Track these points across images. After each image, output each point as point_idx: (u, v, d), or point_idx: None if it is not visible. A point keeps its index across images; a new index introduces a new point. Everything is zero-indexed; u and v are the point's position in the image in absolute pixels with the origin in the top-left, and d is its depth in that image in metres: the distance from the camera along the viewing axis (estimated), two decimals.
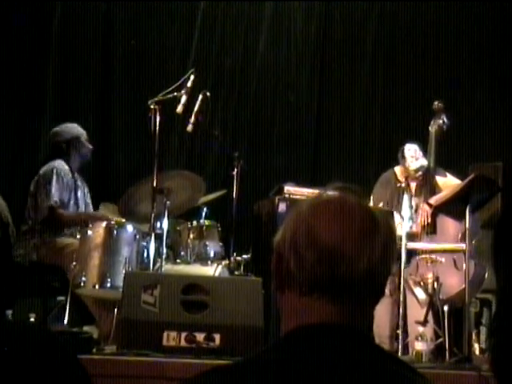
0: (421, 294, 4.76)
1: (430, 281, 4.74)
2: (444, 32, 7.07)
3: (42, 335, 1.60)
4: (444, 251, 5.02)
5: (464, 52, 6.96)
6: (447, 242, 5.06)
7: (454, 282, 4.86)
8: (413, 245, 4.97)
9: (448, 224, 5.07)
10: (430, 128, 5.35)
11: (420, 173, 5.30)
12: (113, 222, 4.72)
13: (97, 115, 6.98)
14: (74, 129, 5.24)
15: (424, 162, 5.29)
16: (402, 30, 7.23)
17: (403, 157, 5.37)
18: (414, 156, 5.32)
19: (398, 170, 5.48)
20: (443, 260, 4.96)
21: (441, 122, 5.33)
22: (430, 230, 5.19)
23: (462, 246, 4.64)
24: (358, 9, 7.37)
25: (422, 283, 4.77)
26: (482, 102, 6.86)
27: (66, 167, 5.09)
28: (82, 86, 6.94)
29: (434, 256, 4.99)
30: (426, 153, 5.33)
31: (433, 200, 5.09)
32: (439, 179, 5.34)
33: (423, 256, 5.03)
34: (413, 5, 7.19)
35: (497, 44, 6.95)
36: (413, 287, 4.79)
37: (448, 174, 5.39)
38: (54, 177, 4.96)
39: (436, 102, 5.38)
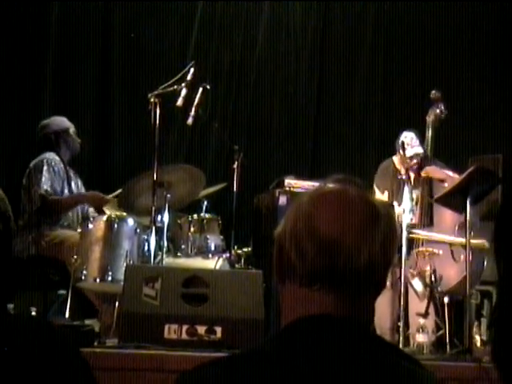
0: (419, 286, 4.76)
1: (427, 273, 4.74)
2: (443, 24, 7.06)
3: (43, 328, 1.60)
4: (443, 242, 5.03)
5: (463, 44, 6.95)
6: (444, 233, 5.06)
7: (452, 274, 4.87)
8: (415, 232, 4.98)
9: (445, 216, 5.08)
10: (427, 117, 5.34)
11: (415, 160, 5.29)
12: (108, 198, 4.75)
13: (96, 109, 6.97)
14: (62, 121, 5.24)
15: (419, 149, 5.28)
16: (401, 22, 7.21)
17: (399, 144, 5.37)
18: (409, 144, 5.31)
19: (396, 159, 5.49)
20: (441, 252, 4.96)
21: (438, 111, 5.31)
22: (427, 222, 5.19)
23: (462, 240, 4.64)
24: (357, 2, 7.35)
25: (420, 276, 4.78)
26: (481, 93, 6.85)
27: (58, 158, 5.09)
28: (81, 80, 6.92)
29: (431, 248, 4.99)
30: (423, 142, 5.33)
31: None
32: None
33: (421, 249, 5.04)
34: None
35: (496, 35, 6.94)
36: (411, 280, 4.79)
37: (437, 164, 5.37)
38: (45, 167, 4.95)
39: (433, 91, 5.36)
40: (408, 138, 5.33)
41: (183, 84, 4.74)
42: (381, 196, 5.29)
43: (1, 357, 1.49)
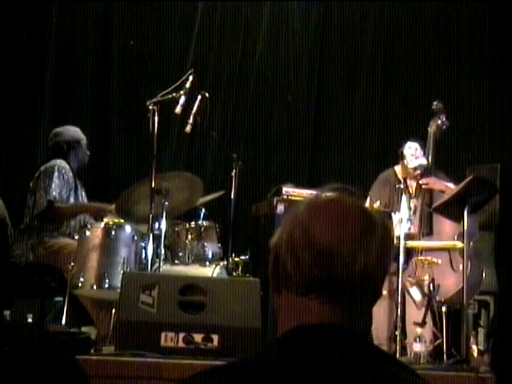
0: (417, 295, 4.75)
1: (426, 282, 4.74)
2: (443, 33, 7.07)
3: (39, 336, 1.60)
4: (441, 250, 5.03)
5: (463, 53, 6.96)
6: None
7: (450, 283, 4.87)
8: (411, 243, 4.98)
9: (444, 225, 5.08)
10: (428, 128, 5.35)
11: (418, 171, 5.29)
12: (109, 208, 4.75)
13: (95, 116, 6.98)
14: (76, 132, 5.27)
15: (423, 161, 5.28)
16: (400, 30, 7.22)
17: (403, 154, 5.37)
18: (413, 154, 5.31)
19: (398, 169, 5.48)
20: (440, 261, 4.96)
21: (440, 122, 5.33)
22: (427, 230, 5.19)
23: (458, 243, 4.64)
24: (356, 9, 7.37)
25: (418, 285, 4.77)
26: (480, 103, 6.86)
27: (68, 166, 5.11)
28: (80, 87, 6.93)
29: (430, 257, 4.99)
30: (425, 153, 5.34)
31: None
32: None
33: (420, 258, 5.03)
34: (411, 5, 7.19)
35: (496, 45, 6.95)
36: (409, 289, 4.79)
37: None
38: (56, 173, 4.97)
39: (435, 102, 5.37)
40: (412, 148, 5.34)
41: (182, 92, 4.74)
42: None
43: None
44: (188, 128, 4.86)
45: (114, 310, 4.36)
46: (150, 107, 4.63)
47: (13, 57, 6.70)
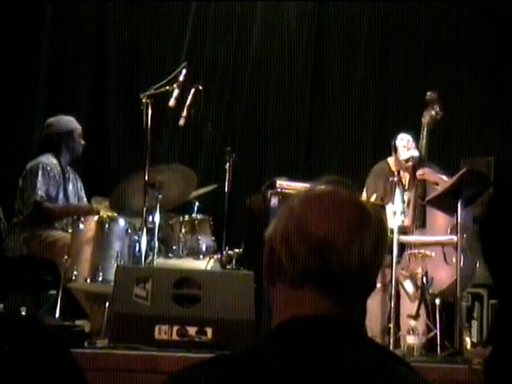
0: (410, 288, 4.76)
1: (419, 275, 4.75)
2: (437, 26, 7.07)
3: (34, 328, 1.60)
4: (434, 244, 5.03)
5: (457, 46, 6.96)
6: (437, 235, 5.06)
7: (444, 276, 4.87)
8: (404, 238, 4.98)
9: (438, 217, 5.08)
10: (422, 119, 5.33)
11: (410, 163, 5.29)
12: (101, 214, 4.73)
13: (90, 109, 6.95)
14: (69, 122, 5.19)
15: (415, 152, 5.27)
16: (395, 22, 7.22)
17: (395, 146, 5.37)
18: (405, 146, 5.31)
19: (391, 161, 5.47)
20: (433, 254, 4.96)
21: (433, 112, 5.31)
22: (420, 223, 5.19)
23: (454, 237, 4.65)
24: (352, 3, 7.36)
25: (411, 277, 4.78)
26: (474, 95, 6.86)
27: (55, 161, 5.06)
28: (74, 81, 6.91)
29: (423, 250, 4.99)
30: (419, 143, 5.34)
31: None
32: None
33: (413, 250, 5.04)
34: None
35: (490, 37, 6.95)
36: (403, 281, 4.80)
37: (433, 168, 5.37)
38: (40, 171, 4.92)
39: (429, 93, 5.36)
40: (404, 140, 5.33)
41: (175, 84, 4.72)
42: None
43: None
44: (182, 121, 4.84)
45: (107, 303, 4.36)
46: (144, 100, 4.62)
47: (7, 52, 6.67)
